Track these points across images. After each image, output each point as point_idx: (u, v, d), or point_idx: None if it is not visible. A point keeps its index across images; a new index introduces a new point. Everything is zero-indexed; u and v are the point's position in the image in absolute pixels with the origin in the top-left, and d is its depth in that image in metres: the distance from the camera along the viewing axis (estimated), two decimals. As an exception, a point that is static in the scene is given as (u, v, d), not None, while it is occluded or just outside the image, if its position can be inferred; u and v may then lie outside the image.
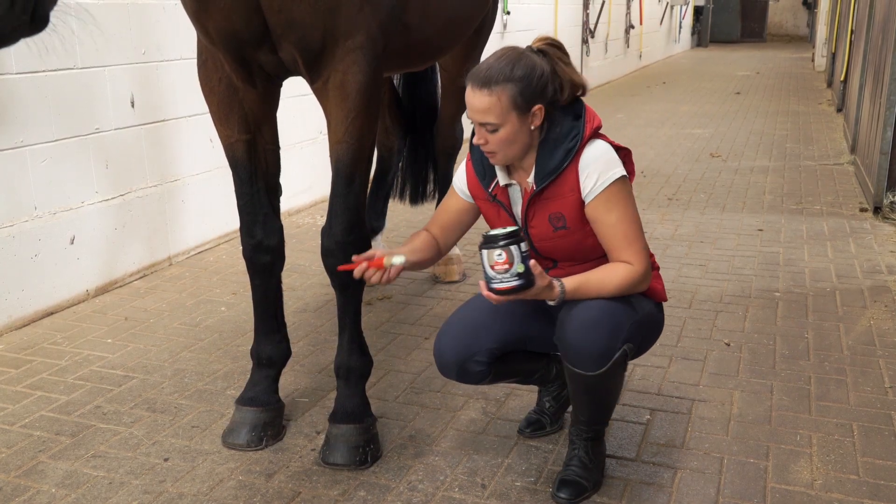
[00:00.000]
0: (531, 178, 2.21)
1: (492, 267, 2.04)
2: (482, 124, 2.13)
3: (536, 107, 2.12)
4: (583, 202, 2.18)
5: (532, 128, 2.15)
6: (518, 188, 2.28)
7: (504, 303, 2.19)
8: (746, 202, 5.72)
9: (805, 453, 2.54)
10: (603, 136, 2.23)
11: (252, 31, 2.29)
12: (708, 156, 7.45)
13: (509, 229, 2.06)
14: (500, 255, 2.03)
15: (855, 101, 7.35)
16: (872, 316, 3.61)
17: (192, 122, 4.48)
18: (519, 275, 2.04)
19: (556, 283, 2.12)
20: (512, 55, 2.13)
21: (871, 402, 2.84)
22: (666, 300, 2.39)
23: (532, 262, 2.06)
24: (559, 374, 2.63)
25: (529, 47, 2.18)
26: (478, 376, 2.37)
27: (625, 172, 2.18)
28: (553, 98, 2.16)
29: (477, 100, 2.11)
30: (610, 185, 2.15)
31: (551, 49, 2.19)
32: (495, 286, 2.06)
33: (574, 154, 2.16)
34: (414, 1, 2.59)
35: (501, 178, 2.27)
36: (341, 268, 2.32)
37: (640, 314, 2.23)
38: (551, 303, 2.15)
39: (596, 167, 2.15)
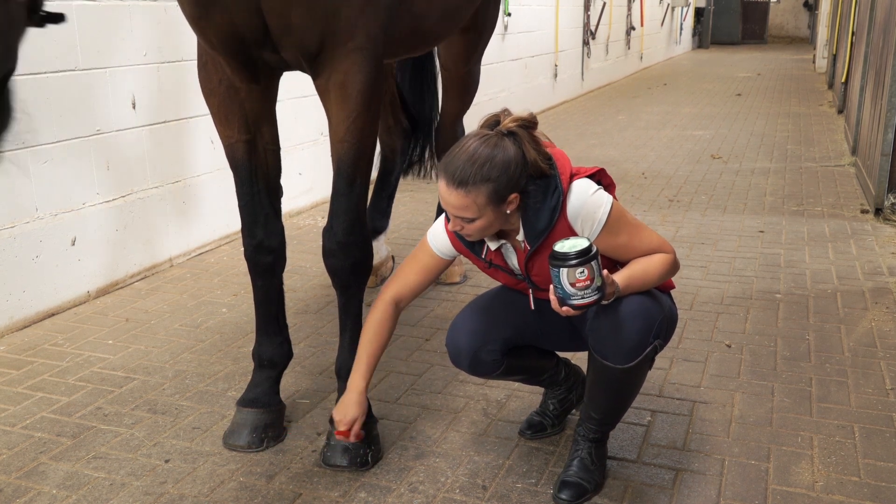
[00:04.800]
0: (521, 237, 2.19)
1: (573, 284, 1.95)
2: (458, 216, 2.10)
3: (512, 196, 2.09)
4: None
5: (508, 212, 2.12)
6: (509, 245, 2.26)
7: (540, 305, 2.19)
8: (747, 204, 5.72)
9: (806, 455, 2.53)
10: (576, 173, 2.19)
11: (254, 33, 2.28)
12: (709, 157, 7.45)
13: (583, 244, 1.96)
14: (582, 272, 1.94)
15: (856, 103, 7.35)
16: (873, 318, 3.61)
17: (192, 123, 4.49)
18: (598, 288, 1.97)
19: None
20: (486, 149, 2.05)
21: (873, 404, 2.84)
22: (674, 287, 2.40)
23: (605, 270, 2.02)
24: (567, 376, 2.64)
25: (500, 131, 2.10)
26: (490, 366, 2.37)
27: (610, 197, 2.17)
28: (526, 182, 2.11)
29: (452, 198, 2.06)
30: (606, 220, 2.14)
31: (522, 131, 2.11)
32: (576, 302, 1.98)
33: (560, 210, 2.13)
34: None
35: (492, 244, 2.25)
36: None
37: (666, 310, 2.23)
38: (605, 302, 2.10)
39: (586, 213, 2.13)
